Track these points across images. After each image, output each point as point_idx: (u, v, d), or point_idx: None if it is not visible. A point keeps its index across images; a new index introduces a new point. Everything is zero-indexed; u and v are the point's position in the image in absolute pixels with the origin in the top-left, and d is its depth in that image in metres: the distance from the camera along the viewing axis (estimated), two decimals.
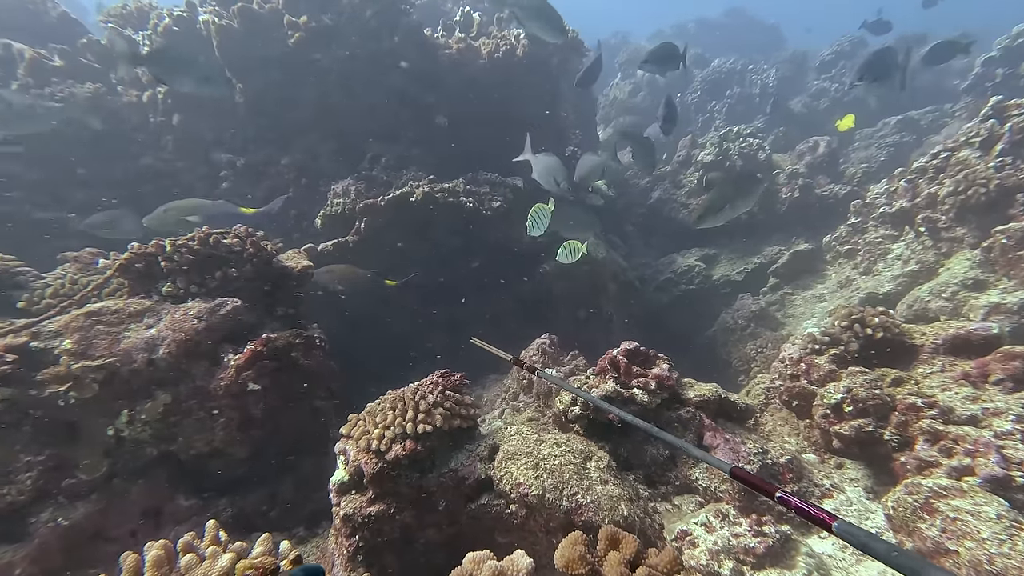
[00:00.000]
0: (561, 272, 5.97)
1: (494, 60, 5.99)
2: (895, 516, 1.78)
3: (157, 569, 0.97)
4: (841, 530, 0.71)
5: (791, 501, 0.80)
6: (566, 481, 2.09)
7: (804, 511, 0.78)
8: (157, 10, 5.25)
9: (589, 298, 6.21)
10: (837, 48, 10.39)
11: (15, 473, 2.16)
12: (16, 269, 3.05)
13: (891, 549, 0.65)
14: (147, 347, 2.52)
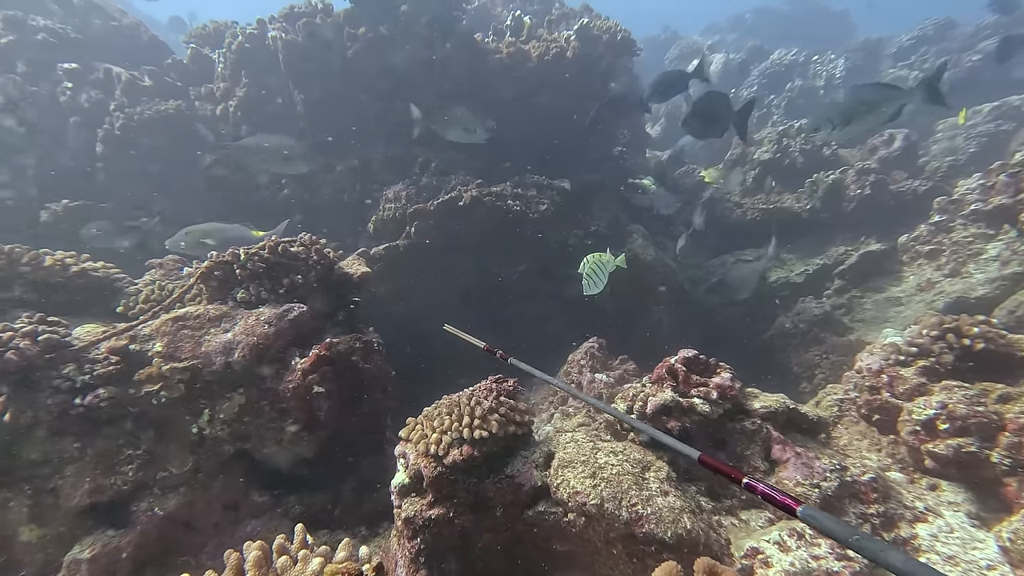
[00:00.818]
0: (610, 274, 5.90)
1: (543, 62, 6.01)
2: (1013, 548, 1.65)
3: (257, 569, 1.05)
4: (805, 515, 0.74)
5: (757, 487, 0.82)
6: (625, 491, 2.08)
7: (770, 496, 0.79)
8: (232, 28, 5.63)
9: (637, 301, 6.11)
10: (919, 32, 9.65)
11: (119, 465, 2.38)
12: (115, 276, 3.35)
13: (852, 533, 0.68)
14: (224, 350, 2.71)
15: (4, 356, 2.21)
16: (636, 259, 6.10)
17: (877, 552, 0.62)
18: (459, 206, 5.35)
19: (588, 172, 6.64)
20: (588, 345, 4.76)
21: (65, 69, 5.31)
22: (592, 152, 6.62)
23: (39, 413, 2.29)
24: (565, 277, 5.76)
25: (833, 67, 9.57)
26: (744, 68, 10.61)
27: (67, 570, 2.16)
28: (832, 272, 5.06)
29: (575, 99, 6.24)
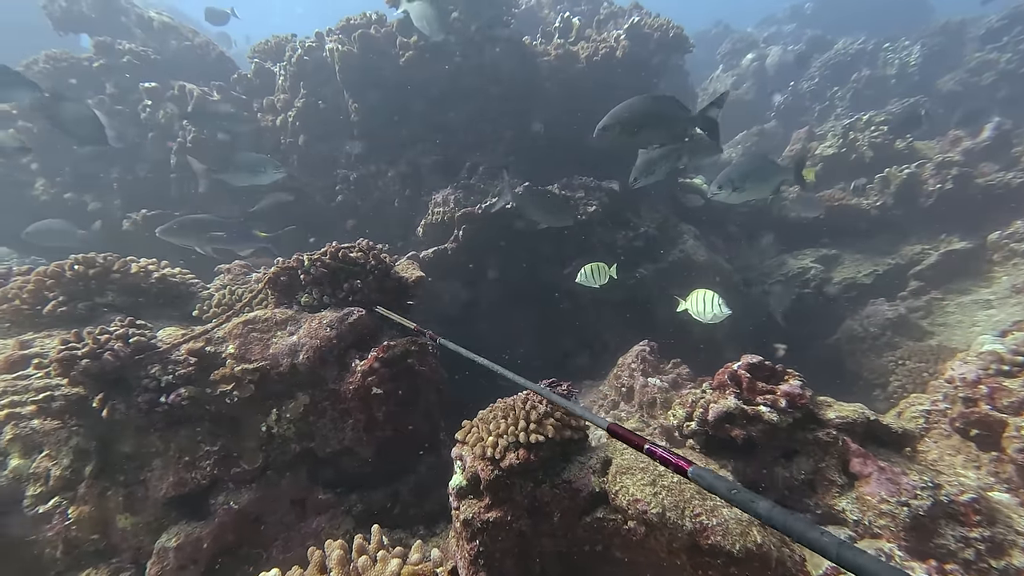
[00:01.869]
0: (659, 275, 5.78)
1: (592, 63, 5.97)
2: None
3: (340, 567, 1.09)
4: (694, 474, 0.83)
5: (656, 451, 0.92)
6: (687, 500, 2.01)
7: (666, 459, 0.90)
8: (292, 42, 5.94)
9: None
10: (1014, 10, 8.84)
11: (198, 460, 2.54)
12: (189, 280, 3.60)
13: (731, 487, 0.74)
14: (290, 352, 2.84)
15: (102, 357, 2.41)
16: (688, 260, 5.94)
17: (747, 502, 0.71)
18: (507, 209, 5.38)
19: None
20: (639, 348, 4.66)
21: (145, 88, 5.75)
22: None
23: (130, 410, 2.48)
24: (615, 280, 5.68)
25: (907, 54, 8.92)
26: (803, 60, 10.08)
27: (157, 556, 2.32)
28: (907, 273, 4.72)
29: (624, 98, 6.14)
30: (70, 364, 2.38)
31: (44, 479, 2.48)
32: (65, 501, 2.46)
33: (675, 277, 5.78)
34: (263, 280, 2.98)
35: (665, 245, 5.99)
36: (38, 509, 2.39)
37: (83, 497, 2.47)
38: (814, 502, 1.78)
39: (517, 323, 5.66)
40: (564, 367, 5.49)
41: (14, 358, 2.76)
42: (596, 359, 5.52)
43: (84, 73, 6.01)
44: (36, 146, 6.00)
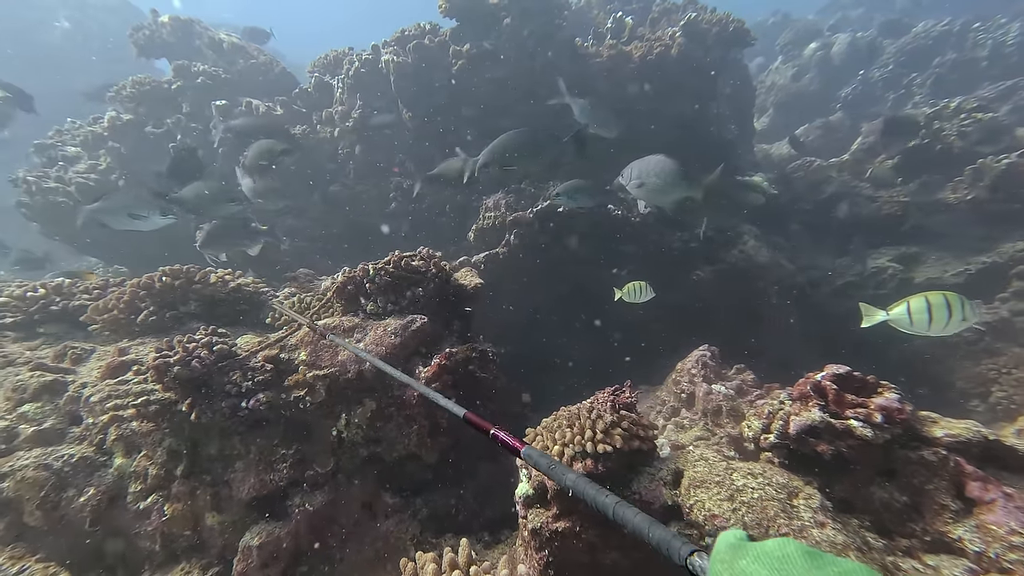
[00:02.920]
0: (718, 277, 5.58)
1: (646, 63, 5.85)
2: None
3: None
4: (525, 454, 0.89)
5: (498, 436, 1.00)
6: (771, 519, 1.91)
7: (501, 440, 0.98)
8: (349, 55, 6.18)
9: (750, 306, 5.70)
10: None
11: (276, 463, 2.67)
12: (261, 289, 3.80)
13: (551, 464, 0.83)
14: (358, 359, 2.93)
15: (191, 364, 2.58)
16: (748, 261, 5.69)
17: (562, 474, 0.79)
18: (558, 212, 5.35)
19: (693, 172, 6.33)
20: (699, 353, 4.50)
21: (217, 106, 6.14)
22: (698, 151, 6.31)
23: (215, 414, 2.63)
24: (668, 283, 5.53)
25: (1003, 33, 8.16)
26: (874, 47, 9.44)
27: (242, 554, 2.46)
28: (1008, 272, 4.29)
29: (679, 97, 5.99)
30: (163, 371, 2.56)
31: (143, 477, 2.67)
32: (161, 498, 2.65)
33: (735, 278, 5.56)
34: (331, 289, 3.10)
35: (723, 246, 5.77)
36: (139, 505, 2.58)
37: (176, 495, 2.65)
38: (921, 527, 1.63)
39: (570, 327, 5.61)
40: (619, 371, 5.39)
41: (114, 364, 3.00)
42: (651, 364, 5.39)
43: (164, 95, 6.49)
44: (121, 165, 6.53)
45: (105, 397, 2.70)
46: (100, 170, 6.35)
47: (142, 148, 6.34)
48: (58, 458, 2.61)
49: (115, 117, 6.40)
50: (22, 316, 3.30)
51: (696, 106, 6.18)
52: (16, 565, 2.37)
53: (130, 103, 6.47)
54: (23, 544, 2.51)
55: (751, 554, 0.55)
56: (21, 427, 2.65)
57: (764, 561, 0.53)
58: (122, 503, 2.65)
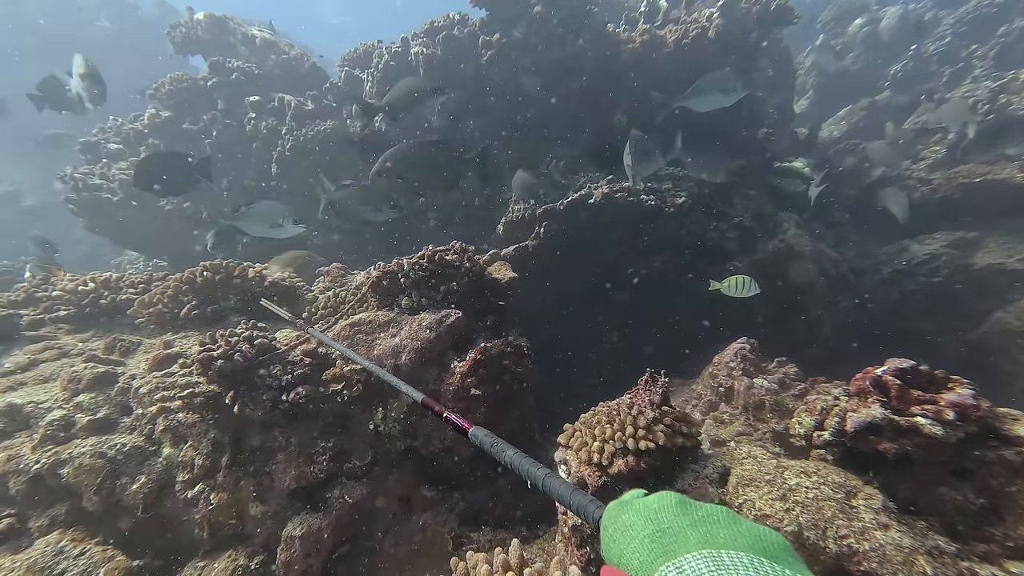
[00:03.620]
0: (755, 268, 5.39)
1: (681, 47, 5.65)
2: None
3: None
4: (472, 435, 0.92)
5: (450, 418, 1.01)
6: (828, 519, 1.82)
7: (452, 422, 0.99)
8: (379, 48, 6.19)
9: (791, 296, 5.49)
10: None
11: (316, 455, 2.70)
12: (296, 284, 3.86)
13: (493, 442, 0.88)
14: (393, 353, 2.94)
15: (233, 358, 2.63)
16: (789, 250, 5.48)
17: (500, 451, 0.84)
18: (589, 204, 5.25)
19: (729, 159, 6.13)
20: (738, 346, 4.36)
21: (250, 101, 6.25)
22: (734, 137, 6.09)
23: (256, 407, 2.68)
24: (703, 273, 5.37)
25: None
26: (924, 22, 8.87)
27: (285, 544, 2.51)
28: None
29: None
30: (207, 364, 2.62)
31: (190, 467, 2.75)
32: (207, 488, 2.72)
33: (774, 269, 5.35)
34: (366, 284, 3.11)
35: (762, 235, 5.56)
36: (187, 494, 2.66)
37: (221, 485, 2.72)
38: (1002, 532, 1.52)
39: (601, 320, 5.52)
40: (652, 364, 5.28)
41: (160, 357, 3.10)
42: (685, 358, 5.26)
43: (200, 91, 6.64)
44: None
45: (153, 389, 2.79)
46: None
47: (179, 144, 6.51)
48: (111, 447, 2.71)
49: (155, 114, 6.59)
50: (74, 309, 3.44)
51: None
52: (78, 547, 2.47)
53: (169, 100, 6.64)
54: (83, 527, 2.62)
55: (633, 507, 0.57)
56: (77, 416, 2.76)
57: (643, 512, 0.55)
58: (171, 491, 2.74)
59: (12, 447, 2.59)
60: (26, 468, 2.49)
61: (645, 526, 0.53)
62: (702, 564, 0.45)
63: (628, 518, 0.56)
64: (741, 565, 0.44)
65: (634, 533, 0.53)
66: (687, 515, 0.53)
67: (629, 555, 0.51)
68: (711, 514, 0.53)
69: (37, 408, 2.73)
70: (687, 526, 0.51)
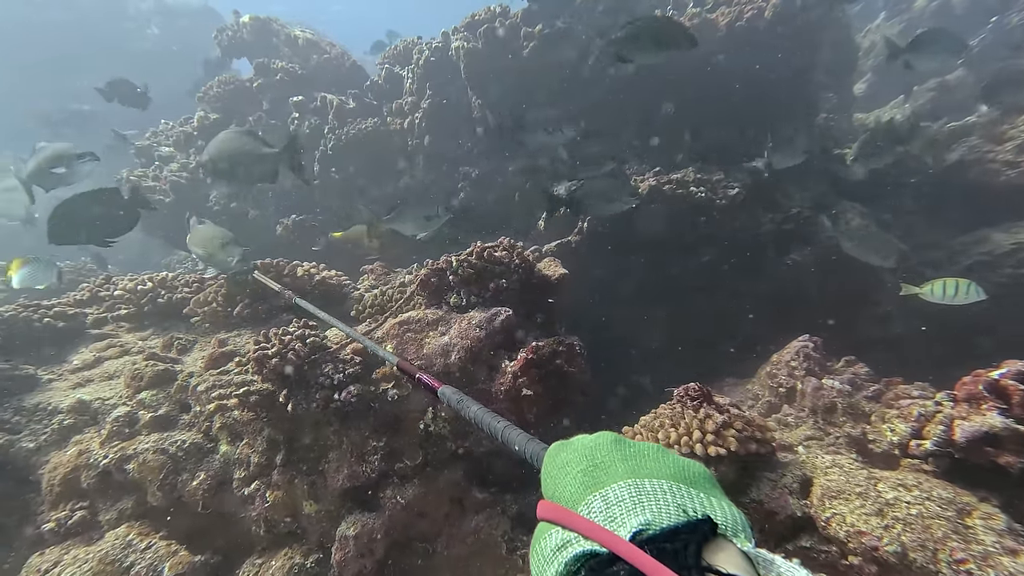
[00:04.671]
0: (816, 262, 5.06)
1: (734, 30, 5.37)
2: None
3: None
4: (443, 394, 1.02)
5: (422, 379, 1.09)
6: (939, 540, 1.63)
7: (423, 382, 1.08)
8: (419, 44, 6.16)
9: (855, 292, 5.15)
10: None
11: (367, 455, 2.67)
12: (343, 281, 3.86)
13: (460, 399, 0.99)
14: (443, 352, 2.87)
15: (287, 356, 2.62)
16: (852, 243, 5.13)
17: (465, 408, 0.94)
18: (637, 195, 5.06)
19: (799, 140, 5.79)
20: (800, 344, 4.10)
21: (294, 102, 6.35)
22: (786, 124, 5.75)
23: (310, 406, 2.67)
24: (757, 268, 5.10)
25: None
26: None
27: (339, 543, 2.49)
28: None
29: (773, 64, 5.46)
30: (262, 362, 2.62)
31: (246, 464, 2.77)
32: (263, 486, 2.73)
33: (836, 262, 5.02)
34: (414, 282, 3.06)
35: (823, 226, 5.23)
36: (244, 491, 2.68)
37: (276, 483, 2.72)
38: None
39: (649, 315, 5.32)
40: (701, 362, 5.06)
41: (216, 355, 3.14)
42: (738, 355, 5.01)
43: (246, 93, 6.80)
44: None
45: (210, 387, 2.82)
46: (191, 168, 6.77)
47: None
48: (172, 443, 2.75)
49: (203, 116, 6.78)
50: (134, 308, 3.55)
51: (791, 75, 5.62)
52: (144, 541, 2.53)
53: (216, 103, 6.82)
54: (148, 521, 2.68)
55: (571, 446, 0.60)
56: (140, 413, 2.82)
57: (579, 450, 0.58)
58: (228, 488, 2.77)
59: (83, 441, 2.68)
60: (95, 463, 2.56)
61: (579, 462, 0.55)
62: (625, 492, 0.48)
63: (565, 456, 0.58)
64: (660, 491, 0.48)
65: (569, 468, 0.55)
66: (619, 451, 0.55)
67: (562, 488, 0.54)
68: (642, 450, 0.56)
69: (104, 404, 2.81)
70: (618, 460, 0.54)
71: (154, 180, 6.41)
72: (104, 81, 7.71)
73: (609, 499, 0.48)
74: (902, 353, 4.88)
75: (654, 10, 5.87)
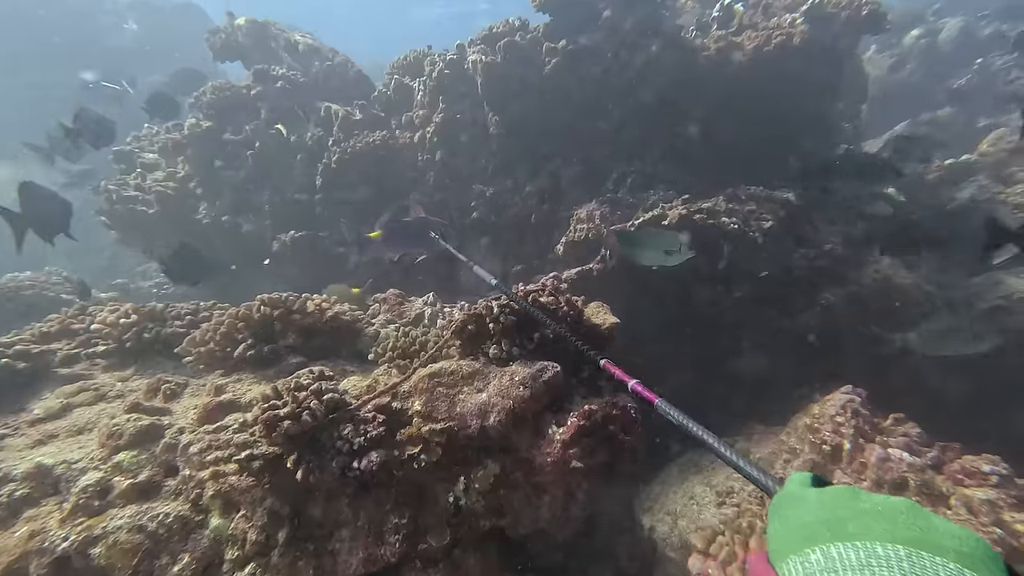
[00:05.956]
0: (851, 303, 4.84)
1: (762, 55, 5.17)
2: None
3: None
4: (659, 406, 1.03)
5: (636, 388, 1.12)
6: None
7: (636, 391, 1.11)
8: (431, 56, 5.79)
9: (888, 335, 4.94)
10: None
11: (387, 533, 2.27)
12: (356, 316, 3.44)
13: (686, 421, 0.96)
14: (479, 412, 2.49)
15: (302, 418, 2.22)
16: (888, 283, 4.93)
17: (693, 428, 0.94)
18: (663, 226, 4.77)
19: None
20: (846, 398, 3.83)
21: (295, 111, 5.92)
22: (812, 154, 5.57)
23: (324, 474, 2.26)
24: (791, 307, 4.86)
25: None
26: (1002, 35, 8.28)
27: None
28: None
29: (798, 92, 5.27)
30: (272, 425, 2.21)
31: (241, 542, 2.34)
32: (259, 569, 2.30)
33: (872, 304, 4.80)
34: (449, 328, 2.68)
35: (856, 264, 5.03)
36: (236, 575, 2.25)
37: (276, 566, 2.30)
38: None
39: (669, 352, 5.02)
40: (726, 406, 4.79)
41: (212, 406, 2.70)
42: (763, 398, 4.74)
43: (242, 100, 6.34)
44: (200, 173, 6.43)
45: (205, 448, 2.39)
46: (179, 178, 6.27)
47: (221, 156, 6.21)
48: (153, 518, 2.31)
49: (195, 124, 6.31)
50: (114, 344, 3.08)
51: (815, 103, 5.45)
52: None
53: (210, 110, 6.35)
54: None
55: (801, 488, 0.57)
56: (116, 479, 2.37)
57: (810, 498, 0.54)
58: (218, 573, 2.33)
59: (38, 518, 2.21)
60: (51, 547, 2.09)
61: (809, 510, 0.52)
62: (852, 553, 0.43)
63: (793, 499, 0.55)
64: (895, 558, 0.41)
65: (794, 514, 0.53)
66: (856, 503, 0.50)
67: (783, 534, 0.52)
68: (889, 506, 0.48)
69: (70, 469, 2.34)
70: (854, 515, 0.49)
71: (136, 189, 5.89)
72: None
73: (831, 557, 0.44)
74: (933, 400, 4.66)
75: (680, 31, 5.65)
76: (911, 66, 10.01)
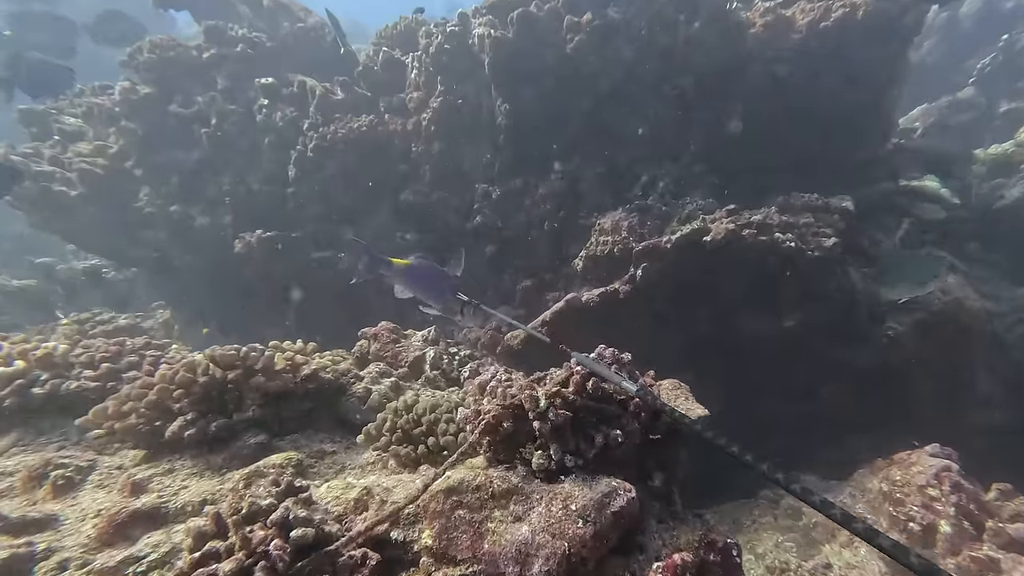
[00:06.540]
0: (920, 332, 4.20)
1: (817, 32, 4.36)
2: None
3: None
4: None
5: None
6: None
7: None
8: (427, 26, 4.76)
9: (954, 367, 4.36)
10: None
11: None
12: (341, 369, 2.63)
13: None
14: (517, 555, 1.74)
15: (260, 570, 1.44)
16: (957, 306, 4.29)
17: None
18: (706, 242, 4.02)
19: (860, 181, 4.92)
20: (939, 464, 3.22)
21: (261, 84, 4.87)
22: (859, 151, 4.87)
23: None
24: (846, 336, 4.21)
25: None
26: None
27: None
28: None
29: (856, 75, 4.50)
30: None
31: None
32: None
33: (943, 334, 4.17)
34: (479, 427, 1.89)
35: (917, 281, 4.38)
36: None
37: None
38: None
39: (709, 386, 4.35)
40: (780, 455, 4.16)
41: (121, 519, 1.90)
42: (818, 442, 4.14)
43: (192, 64, 5.22)
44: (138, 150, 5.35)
45: None
46: (111, 154, 5.17)
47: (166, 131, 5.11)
48: None
49: (129, 89, 5.14)
50: None
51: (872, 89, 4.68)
52: None
53: (148, 73, 5.18)
54: None
55: None
56: None
57: None
58: None
59: None
60: None
61: None
62: None
63: None
64: None
65: None
66: None
67: None
68: None
69: None
70: None
71: (52, 164, 4.77)
72: None
73: None
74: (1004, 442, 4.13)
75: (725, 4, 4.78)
76: (930, 43, 9.32)
